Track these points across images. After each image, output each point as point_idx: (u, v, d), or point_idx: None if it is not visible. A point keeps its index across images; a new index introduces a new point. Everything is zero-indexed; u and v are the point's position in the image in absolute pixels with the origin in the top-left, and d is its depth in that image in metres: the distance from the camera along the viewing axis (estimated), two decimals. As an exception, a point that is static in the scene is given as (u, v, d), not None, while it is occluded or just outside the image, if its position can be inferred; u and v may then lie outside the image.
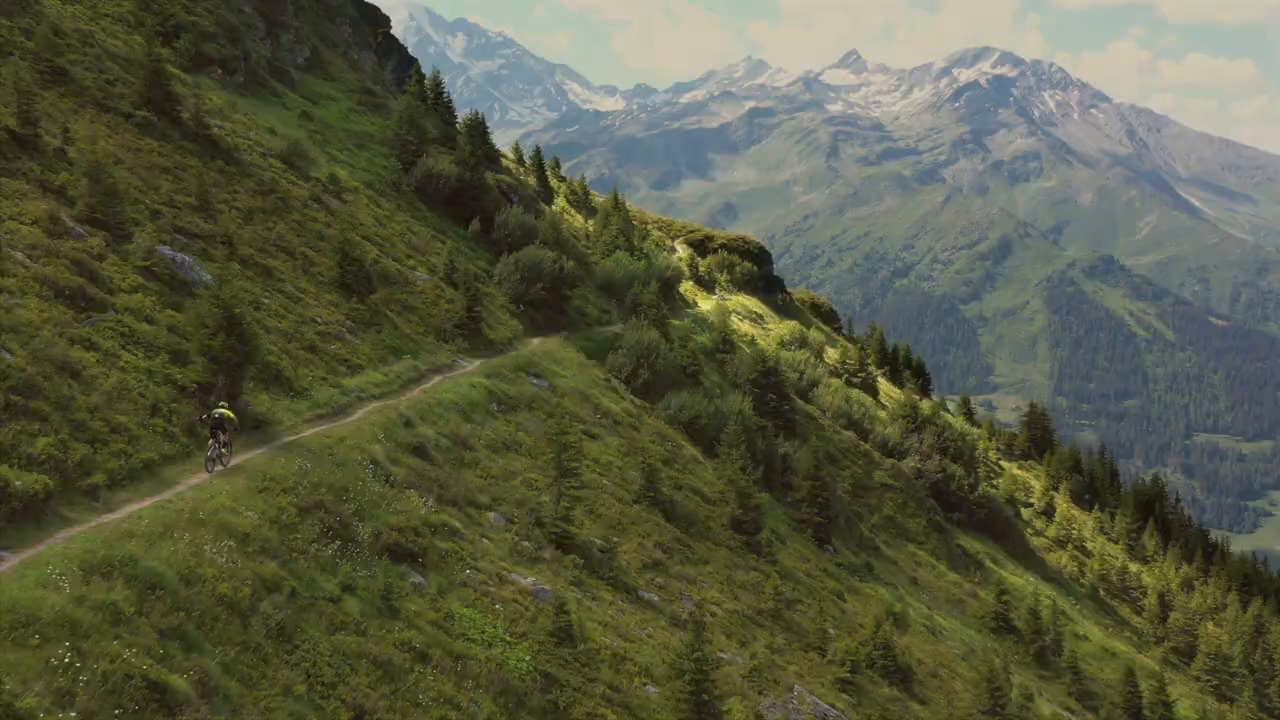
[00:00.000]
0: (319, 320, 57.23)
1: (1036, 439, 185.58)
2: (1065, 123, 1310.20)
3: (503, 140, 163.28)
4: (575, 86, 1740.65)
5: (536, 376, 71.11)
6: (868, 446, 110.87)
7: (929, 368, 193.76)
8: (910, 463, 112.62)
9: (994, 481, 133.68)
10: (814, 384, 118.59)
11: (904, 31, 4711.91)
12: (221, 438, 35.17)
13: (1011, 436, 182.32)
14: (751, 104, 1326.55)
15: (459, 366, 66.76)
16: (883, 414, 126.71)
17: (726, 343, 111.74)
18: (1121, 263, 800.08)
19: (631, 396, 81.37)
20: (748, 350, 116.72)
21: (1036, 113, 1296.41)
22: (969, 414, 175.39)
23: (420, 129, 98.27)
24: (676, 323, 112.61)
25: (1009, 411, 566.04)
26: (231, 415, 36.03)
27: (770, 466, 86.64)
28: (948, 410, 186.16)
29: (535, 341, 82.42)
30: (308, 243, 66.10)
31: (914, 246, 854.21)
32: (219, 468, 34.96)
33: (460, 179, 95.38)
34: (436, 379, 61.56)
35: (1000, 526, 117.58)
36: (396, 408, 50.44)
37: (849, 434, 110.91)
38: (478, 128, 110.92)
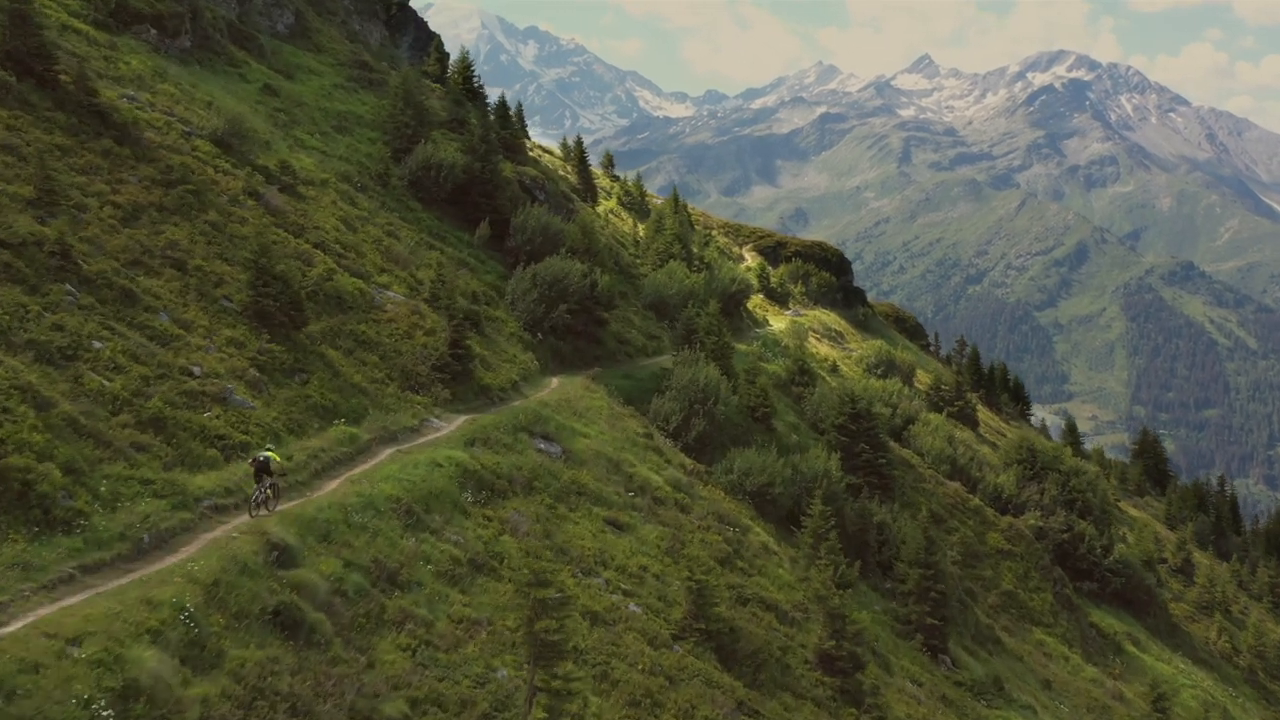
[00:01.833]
0: (197, 370, 37.66)
1: (1150, 470, 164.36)
2: (1143, 127, 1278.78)
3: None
4: (646, 93, 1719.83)
5: (545, 438, 51.01)
6: (978, 501, 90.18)
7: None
8: (1029, 520, 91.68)
9: (1121, 533, 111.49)
10: (909, 420, 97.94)
11: (974, 36, 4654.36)
12: (266, 481, 32.52)
13: (1123, 469, 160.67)
14: (823, 109, 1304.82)
15: (430, 429, 47.04)
16: (990, 453, 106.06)
17: (804, 372, 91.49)
18: (1201, 269, 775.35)
19: (681, 456, 61.30)
20: (829, 380, 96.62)
21: (1113, 116, 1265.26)
22: (1076, 443, 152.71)
23: (420, 109, 78.69)
24: (743, 347, 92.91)
25: (1085, 421, 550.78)
26: (278, 458, 33.34)
27: (863, 543, 66.78)
28: (1047, 435, 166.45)
29: (554, 382, 62.70)
30: (221, 252, 46.71)
31: (987, 252, 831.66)
32: (263, 512, 32.33)
33: (467, 170, 75.64)
34: (385, 454, 41.81)
35: (1140, 597, 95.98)
36: (264, 526, 30.17)
37: (954, 485, 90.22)
38: (499, 108, 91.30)
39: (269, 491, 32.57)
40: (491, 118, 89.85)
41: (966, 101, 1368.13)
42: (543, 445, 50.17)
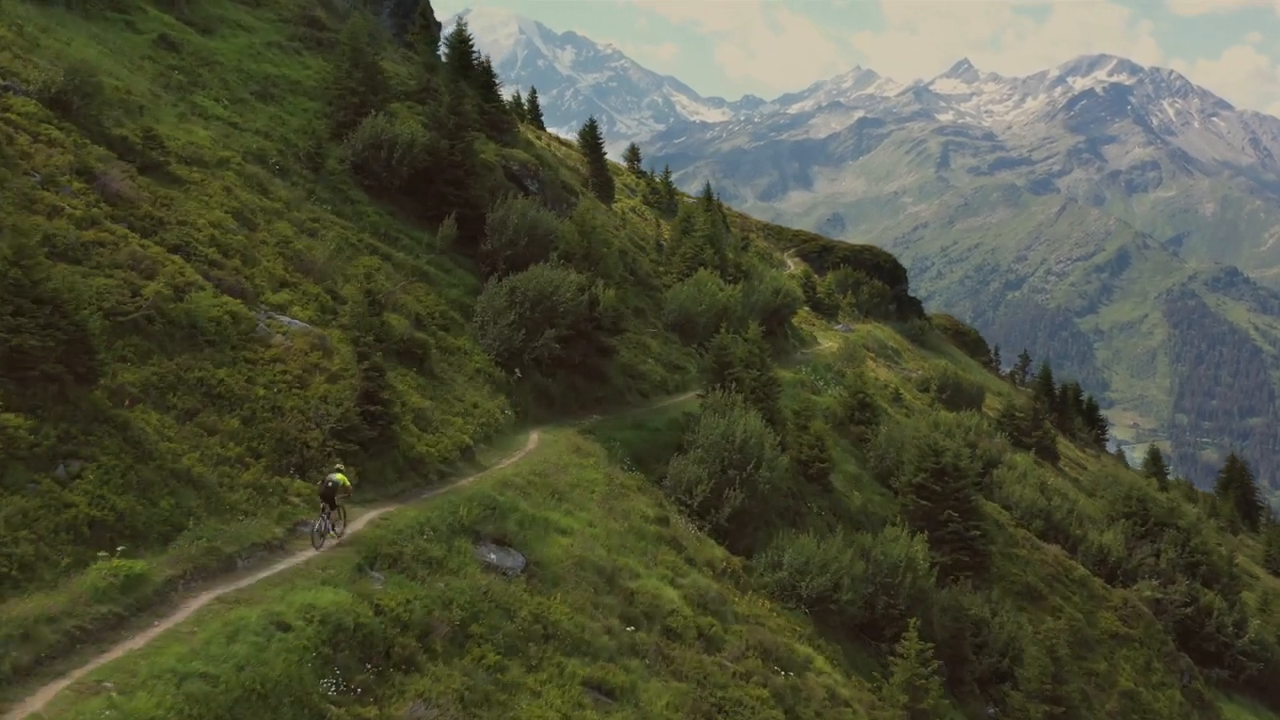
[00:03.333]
0: None
1: (1239, 502, 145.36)
2: (1185, 131, 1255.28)
3: (612, 153, 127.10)
4: (682, 98, 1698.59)
5: (499, 543, 33.18)
6: (1083, 570, 72.20)
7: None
8: (1144, 590, 73.64)
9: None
10: (991, 463, 79.73)
11: (1011, 40, 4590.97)
12: (334, 515, 29.84)
13: (1213, 502, 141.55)
14: (860, 114, 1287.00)
15: (306, 540, 29.33)
16: (1082, 498, 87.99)
17: (864, 407, 73.71)
18: (1245, 275, 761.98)
19: (710, 546, 43.53)
20: (892, 414, 79.08)
21: (1154, 121, 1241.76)
22: (1161, 475, 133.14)
23: (374, 71, 61.24)
24: (789, 375, 75.39)
25: (1126, 429, 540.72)
26: (346, 481, 30.04)
27: (957, 653, 49.07)
28: (1124, 462, 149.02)
29: (532, 440, 45.13)
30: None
31: (1027, 258, 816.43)
32: (331, 541, 29.62)
33: (432, 150, 58.09)
34: (191, 608, 24.13)
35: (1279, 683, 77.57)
36: None
37: (1053, 549, 72.32)
38: (481, 74, 73.92)
39: (332, 528, 29.77)
40: (448, 73, 71.44)
41: (1006, 106, 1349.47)
42: (494, 556, 32.46)
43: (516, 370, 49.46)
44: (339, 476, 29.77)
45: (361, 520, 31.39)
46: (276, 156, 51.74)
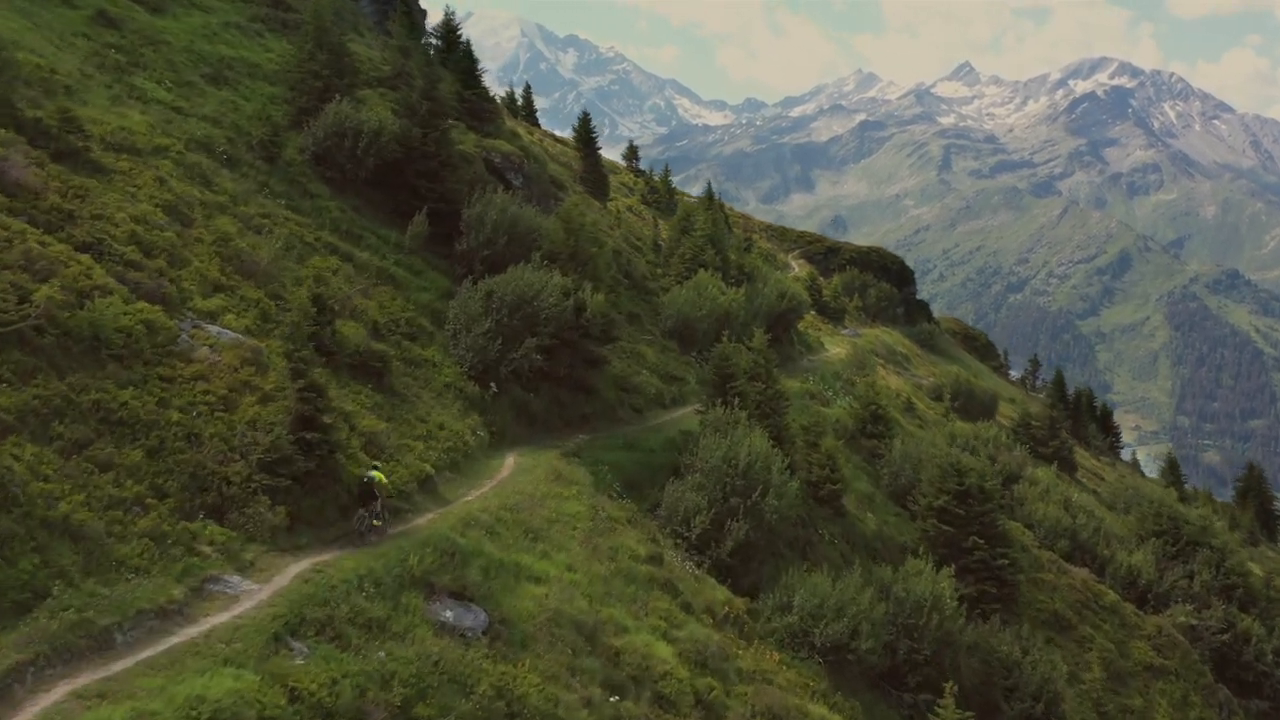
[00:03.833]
0: None
1: (1258, 512, 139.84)
2: (1186, 134, 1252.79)
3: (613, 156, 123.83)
4: (684, 101, 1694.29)
5: (458, 597, 27.69)
6: (1113, 595, 66.84)
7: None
8: (1178, 616, 68.24)
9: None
10: (1011, 478, 74.41)
11: (1012, 42, 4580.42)
12: (374, 507, 29.89)
13: (1232, 513, 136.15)
14: (862, 117, 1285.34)
15: (212, 601, 23.87)
16: (1110, 517, 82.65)
17: (876, 419, 68.40)
18: (1247, 277, 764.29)
19: (710, 587, 38.04)
20: (905, 424, 73.90)
21: (1156, 124, 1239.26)
22: (1179, 484, 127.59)
23: (340, 53, 55.90)
24: (795, 384, 70.15)
25: (1128, 431, 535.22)
26: (384, 479, 30.49)
27: (988, 702, 43.74)
28: (1139, 470, 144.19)
29: (507, 465, 39.80)
30: None
31: (1029, 260, 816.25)
32: (373, 538, 29.44)
33: (403, 140, 52.75)
34: (30, 711, 18.57)
35: (1323, 717, 72.33)
36: None
37: (1081, 573, 66.96)
38: (462, 58, 68.44)
39: (374, 520, 29.69)
40: (421, 56, 65.70)
41: (1007, 109, 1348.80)
42: (450, 614, 26.97)
43: (492, 384, 44.05)
44: (376, 474, 30.04)
45: (289, 574, 25.88)
46: (225, 145, 46.35)
